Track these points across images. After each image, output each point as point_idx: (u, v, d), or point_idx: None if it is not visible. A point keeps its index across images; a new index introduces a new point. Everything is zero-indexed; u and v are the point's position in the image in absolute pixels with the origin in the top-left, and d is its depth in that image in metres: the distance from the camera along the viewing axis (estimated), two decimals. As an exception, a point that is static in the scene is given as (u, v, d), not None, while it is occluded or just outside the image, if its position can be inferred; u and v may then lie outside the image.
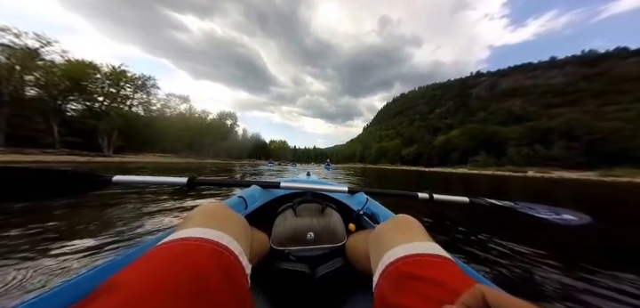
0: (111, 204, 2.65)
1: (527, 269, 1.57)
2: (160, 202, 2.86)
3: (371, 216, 0.80)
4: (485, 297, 0.22)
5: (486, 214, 2.93)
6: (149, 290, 0.24)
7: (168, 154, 49.83)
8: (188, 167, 16.78)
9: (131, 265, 0.27)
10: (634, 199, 6.80)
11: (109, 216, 2.23)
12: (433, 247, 0.35)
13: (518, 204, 0.89)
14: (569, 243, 2.13)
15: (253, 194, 0.91)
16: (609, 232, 2.72)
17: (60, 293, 0.32)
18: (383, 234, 0.43)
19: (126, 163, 22.70)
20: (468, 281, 0.29)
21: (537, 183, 14.73)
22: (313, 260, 0.69)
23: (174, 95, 65.63)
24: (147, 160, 32.26)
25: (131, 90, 50.21)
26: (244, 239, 0.39)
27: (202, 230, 0.33)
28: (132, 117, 47.20)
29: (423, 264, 0.33)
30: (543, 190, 9.71)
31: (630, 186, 15.39)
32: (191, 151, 60.48)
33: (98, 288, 0.24)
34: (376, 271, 0.38)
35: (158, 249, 0.30)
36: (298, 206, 0.78)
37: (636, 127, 49.71)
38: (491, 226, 2.51)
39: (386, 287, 0.34)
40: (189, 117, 69.01)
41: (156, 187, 3.55)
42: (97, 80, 42.59)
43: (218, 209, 0.41)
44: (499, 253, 1.81)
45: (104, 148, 36.84)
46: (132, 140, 42.80)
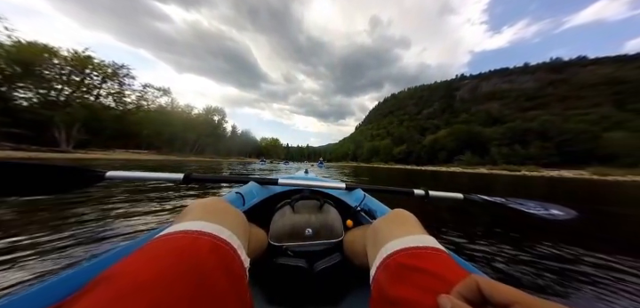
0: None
1: (517, 259, 1.66)
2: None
3: (368, 212, 0.82)
4: (479, 286, 0.23)
5: (481, 210, 3.04)
6: (147, 281, 0.23)
7: (144, 151, 45.16)
8: (160, 165, 14.96)
9: (128, 257, 0.26)
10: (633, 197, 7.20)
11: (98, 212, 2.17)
12: (428, 240, 0.36)
13: (509, 199, 0.91)
14: (558, 235, 2.23)
15: (251, 191, 0.91)
16: (597, 225, 2.97)
17: (56, 285, 0.31)
18: (380, 228, 0.43)
19: (86, 160, 19.84)
20: (462, 272, 0.30)
21: (531, 181, 15.32)
22: (311, 255, 0.70)
23: (152, 87, 58.76)
24: (115, 157, 28.49)
25: (99, 79, 44.48)
26: (242, 233, 0.39)
27: (201, 223, 0.33)
28: (100, 108, 41.84)
29: (419, 256, 0.33)
30: (541, 186, 10.18)
31: (635, 184, 16.53)
32: (173, 148, 55.82)
33: (94, 279, 0.24)
34: (373, 264, 0.38)
35: (157, 241, 0.30)
36: (296, 202, 0.79)
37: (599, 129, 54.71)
38: (484, 221, 2.66)
39: (383, 279, 0.34)
40: (171, 111, 63.30)
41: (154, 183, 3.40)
42: (55, 66, 36.84)
43: (217, 203, 0.41)
44: (490, 245, 1.90)
45: (61, 142, 31.83)
46: (99, 134, 37.97)
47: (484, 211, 2.95)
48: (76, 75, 40.36)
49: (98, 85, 44.41)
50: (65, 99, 37.08)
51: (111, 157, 28.34)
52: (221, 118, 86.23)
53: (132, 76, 50.03)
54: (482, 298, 0.23)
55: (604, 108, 67.48)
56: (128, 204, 2.54)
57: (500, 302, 0.21)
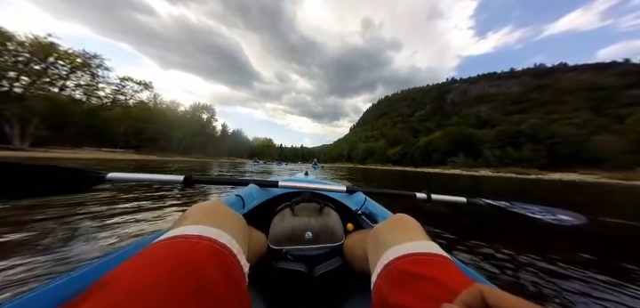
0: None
1: (522, 266, 1.57)
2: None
3: (369, 216, 0.80)
4: (484, 296, 0.22)
5: (484, 214, 2.93)
6: (146, 287, 0.23)
7: (120, 150, 40.40)
8: (139, 165, 12.94)
9: (126, 262, 0.26)
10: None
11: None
12: (431, 246, 0.35)
13: (514, 204, 0.88)
14: (566, 242, 2.15)
15: (251, 193, 0.90)
16: (607, 232, 2.73)
17: (52, 291, 0.31)
18: (382, 233, 0.42)
19: (43, 158, 16.31)
20: (466, 280, 0.29)
21: (540, 185, 14.46)
22: (311, 259, 0.69)
23: (131, 80, 53.63)
24: (82, 157, 24.44)
25: (66, 69, 39.26)
26: (242, 237, 0.39)
27: (200, 227, 0.33)
28: (66, 102, 36.82)
29: (422, 263, 0.32)
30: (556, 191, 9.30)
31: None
32: (155, 147, 51.15)
33: (94, 284, 0.23)
34: (374, 270, 0.37)
35: (155, 246, 0.29)
36: (296, 205, 0.78)
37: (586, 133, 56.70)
38: (489, 225, 2.60)
39: (384, 286, 0.33)
40: (153, 108, 58.13)
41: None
42: (9, 52, 31.63)
43: (216, 207, 0.40)
44: (495, 251, 1.81)
45: (14, 138, 27.20)
46: (64, 130, 33.14)
47: (489, 215, 2.83)
48: (37, 63, 35.20)
49: (64, 76, 39.22)
50: (21, 90, 31.93)
51: (77, 156, 24.15)
52: (211, 116, 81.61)
53: (106, 67, 45.16)
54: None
55: (583, 112, 70.63)
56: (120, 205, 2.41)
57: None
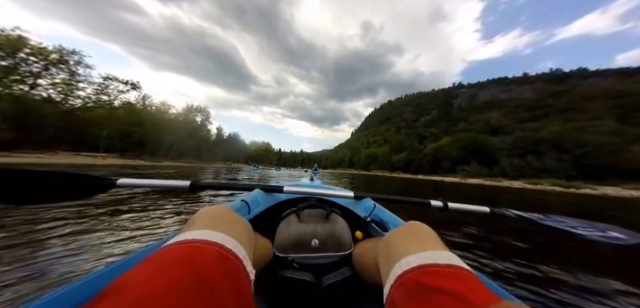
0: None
1: (560, 285, 1.46)
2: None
3: (379, 223, 0.77)
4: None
5: (510, 228, 2.80)
6: (155, 292, 0.24)
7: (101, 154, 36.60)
8: (119, 171, 11.69)
9: (137, 267, 0.27)
10: None
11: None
12: (450, 257, 0.32)
13: (549, 217, 0.80)
14: (617, 262, 1.96)
15: (256, 198, 0.90)
16: None
17: (67, 294, 0.32)
18: (394, 242, 0.39)
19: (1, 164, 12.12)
20: (491, 296, 0.26)
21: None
22: (318, 268, 0.66)
23: (116, 80, 49.45)
24: (53, 161, 20.57)
25: (39, 66, 35.97)
26: (248, 243, 0.38)
27: (206, 232, 0.33)
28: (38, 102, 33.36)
29: (440, 275, 0.29)
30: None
31: None
32: (143, 151, 47.62)
33: (103, 290, 0.24)
34: (387, 281, 0.35)
35: (164, 251, 0.30)
36: (301, 211, 0.76)
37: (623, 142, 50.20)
38: (518, 239, 2.43)
39: (398, 299, 0.31)
40: (142, 109, 54.77)
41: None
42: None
43: (222, 212, 0.40)
44: (525, 266, 1.68)
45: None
46: (36, 133, 29.57)
47: (518, 228, 2.71)
48: (3, 59, 31.94)
49: (36, 74, 35.90)
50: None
51: (44, 161, 20.19)
52: (205, 119, 77.91)
53: (87, 64, 41.72)
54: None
55: (608, 121, 64.02)
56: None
57: None
